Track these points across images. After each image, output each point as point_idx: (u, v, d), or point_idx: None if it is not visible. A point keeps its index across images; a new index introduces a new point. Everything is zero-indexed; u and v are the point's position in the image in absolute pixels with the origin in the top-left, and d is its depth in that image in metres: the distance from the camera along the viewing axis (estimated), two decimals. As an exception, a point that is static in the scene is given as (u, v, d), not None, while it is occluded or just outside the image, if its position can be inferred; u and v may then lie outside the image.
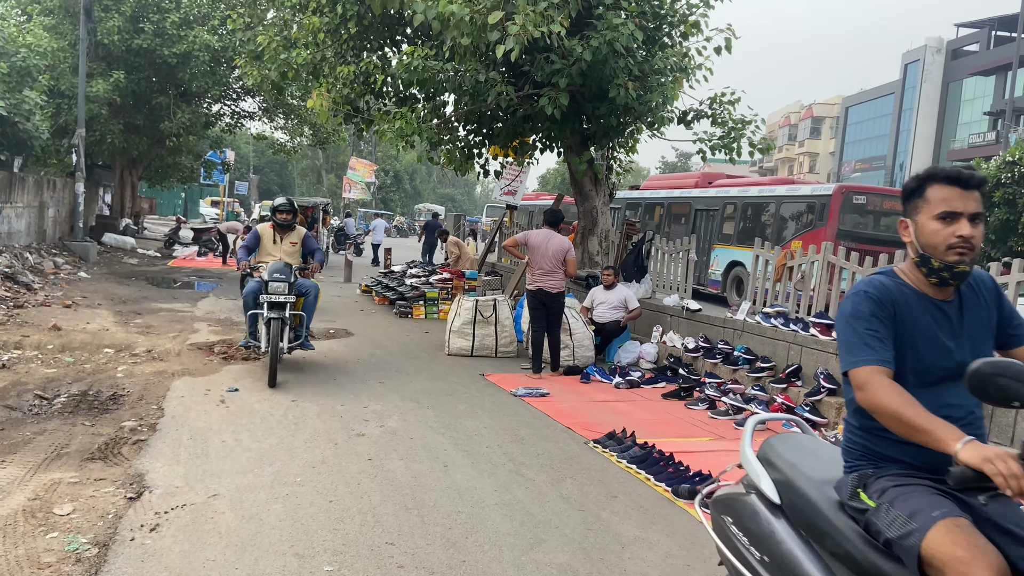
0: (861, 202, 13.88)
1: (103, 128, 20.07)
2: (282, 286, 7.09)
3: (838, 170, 56.23)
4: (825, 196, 13.70)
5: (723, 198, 16.07)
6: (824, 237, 12.01)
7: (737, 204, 15.73)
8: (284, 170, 62.56)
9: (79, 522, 3.79)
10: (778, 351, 7.93)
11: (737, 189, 16.22)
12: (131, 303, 11.87)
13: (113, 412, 5.84)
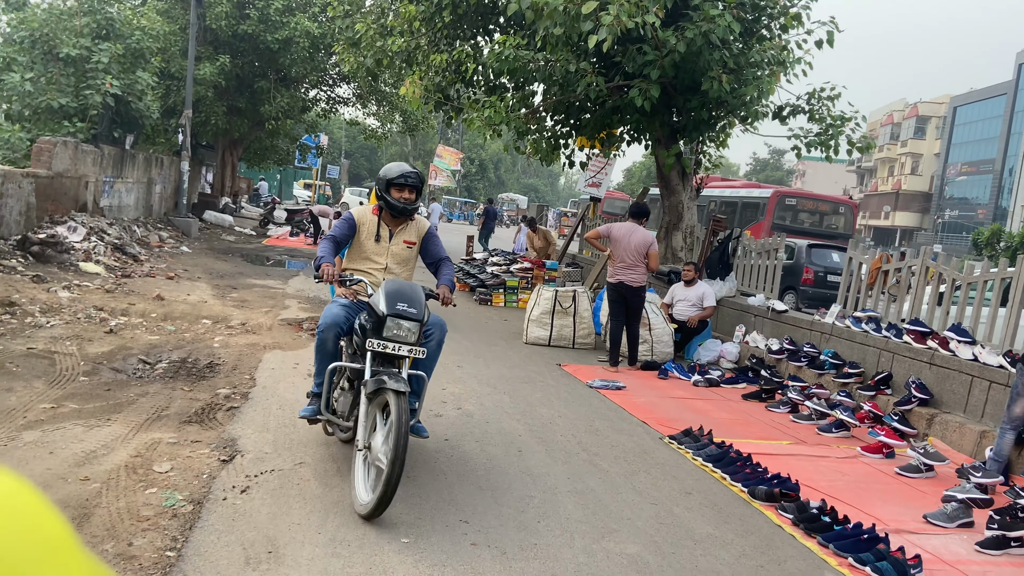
0: (792, 203, 19.07)
1: (208, 110, 20.99)
2: (413, 328, 4.03)
3: (943, 172, 53.56)
4: (765, 197, 18.62)
5: (707, 196, 18.97)
6: (763, 229, 16.74)
7: (716, 202, 19.55)
8: (374, 156, 63.94)
9: (176, 480, 4.03)
10: (867, 357, 7.67)
11: (717, 190, 20.08)
12: (228, 278, 12.42)
13: (209, 379, 6.15)
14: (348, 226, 4.66)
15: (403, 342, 3.98)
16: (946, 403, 6.68)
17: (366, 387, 3.85)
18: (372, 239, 4.67)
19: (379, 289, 4.15)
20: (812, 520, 4.33)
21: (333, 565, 3.29)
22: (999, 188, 46.53)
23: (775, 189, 19.61)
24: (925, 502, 5.00)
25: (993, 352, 6.45)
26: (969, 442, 6.14)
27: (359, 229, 4.68)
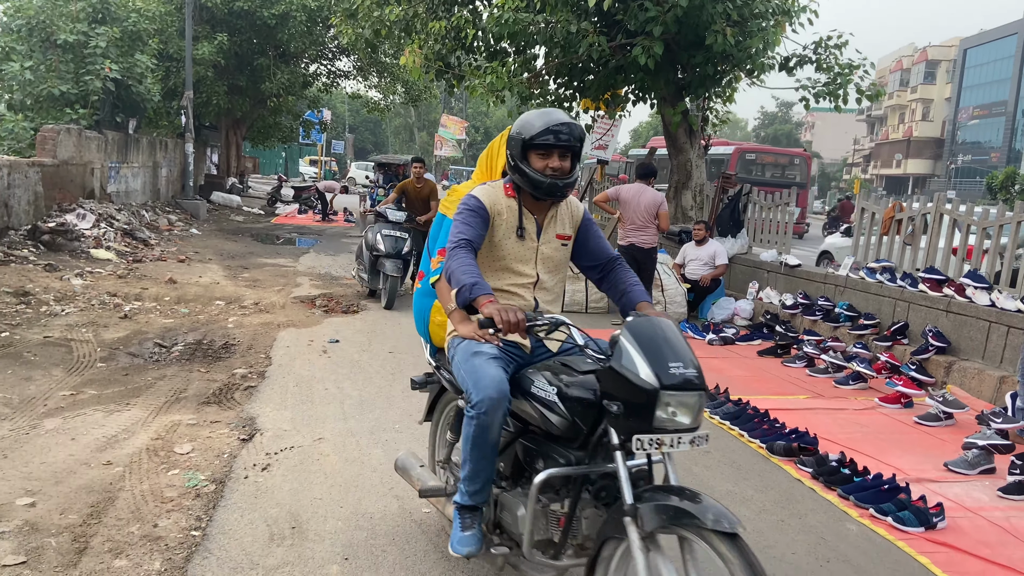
0: (752, 157, 21.45)
1: (209, 90, 20.87)
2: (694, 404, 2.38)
3: (954, 117, 52.71)
4: (728, 154, 20.31)
5: None
6: None
7: None
8: (378, 129, 63.63)
9: (197, 460, 4.07)
10: (883, 308, 7.61)
11: None
12: (239, 258, 12.45)
13: (225, 360, 6.19)
14: (478, 218, 2.78)
15: (683, 429, 2.30)
16: (964, 350, 6.63)
17: (640, 523, 2.20)
18: (513, 235, 2.89)
19: (624, 339, 2.40)
20: (832, 473, 4.33)
21: (357, 537, 3.32)
22: (1012, 130, 45.78)
23: (736, 146, 21.28)
24: (945, 450, 4.99)
25: (1011, 297, 6.38)
26: (988, 388, 6.11)
27: (493, 221, 2.85)
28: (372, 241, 8.90)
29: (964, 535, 3.76)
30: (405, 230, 9.12)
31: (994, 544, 3.67)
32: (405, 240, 8.96)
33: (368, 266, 9.09)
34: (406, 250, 8.93)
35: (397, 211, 9.40)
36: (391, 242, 8.83)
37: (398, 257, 8.82)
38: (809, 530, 3.73)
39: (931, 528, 3.77)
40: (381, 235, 8.86)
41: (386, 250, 8.76)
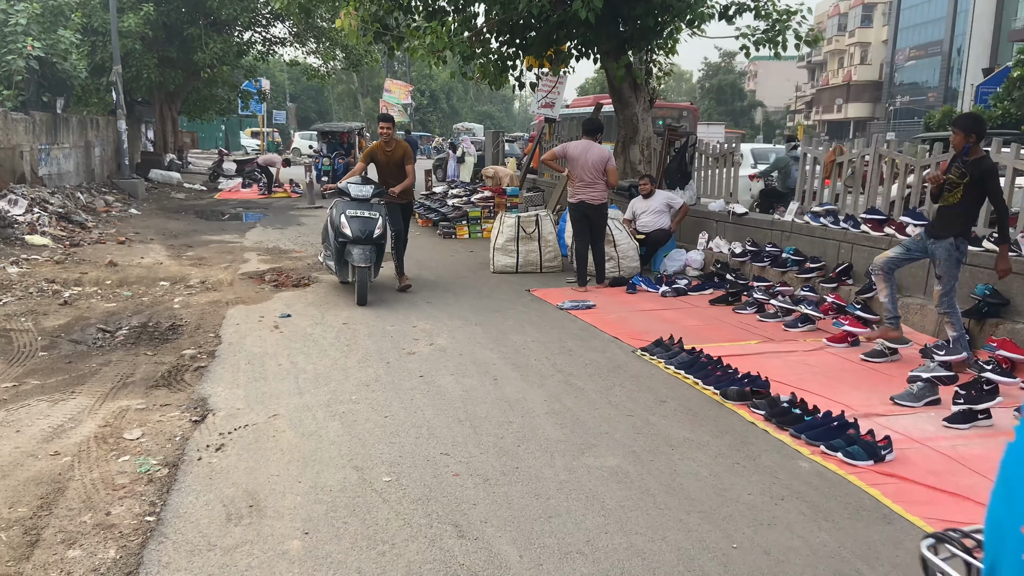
0: None
1: (138, 63, 20.10)
2: None
3: (891, 59, 53.56)
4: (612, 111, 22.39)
5: (567, 115, 20.01)
6: None
7: (577, 119, 20.92)
8: (320, 97, 62.16)
9: (148, 445, 3.98)
10: (828, 251, 7.76)
11: (577, 109, 21.30)
12: (182, 236, 12.13)
13: (173, 341, 6.04)
14: None
15: None
16: (907, 287, 6.81)
17: None
18: None
19: None
20: (783, 414, 4.43)
21: (317, 511, 3.29)
22: (948, 69, 46.73)
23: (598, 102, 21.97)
24: (892, 385, 5.14)
25: (949, 233, 6.54)
26: (931, 323, 6.29)
27: None
28: (336, 223, 7.36)
29: (912, 465, 3.88)
30: (376, 207, 7.57)
31: (941, 472, 3.80)
32: (376, 220, 7.38)
33: (335, 254, 7.57)
34: (378, 232, 7.35)
35: (362, 184, 7.66)
36: (359, 224, 7.26)
37: (368, 242, 7.27)
38: (763, 470, 3.82)
39: (880, 461, 3.89)
40: (346, 216, 7.28)
41: (353, 234, 7.23)
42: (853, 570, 2.92)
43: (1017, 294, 5.78)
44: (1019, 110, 17.31)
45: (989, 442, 4.19)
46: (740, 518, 3.31)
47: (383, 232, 7.42)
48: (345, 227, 7.27)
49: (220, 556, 2.93)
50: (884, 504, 3.47)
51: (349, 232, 7.25)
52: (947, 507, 3.44)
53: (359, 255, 7.17)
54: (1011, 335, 5.57)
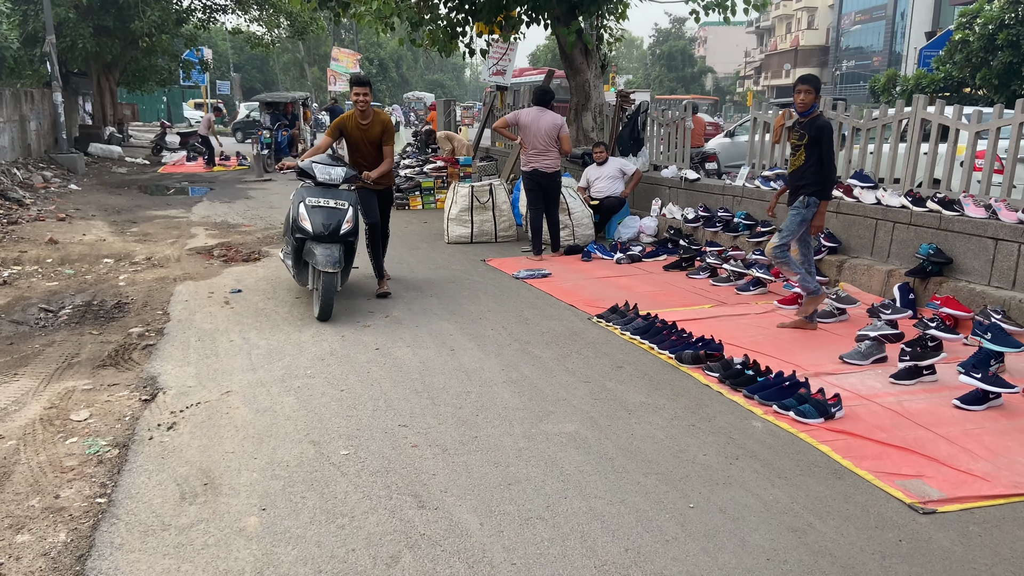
0: None
1: (73, 33, 19.29)
2: None
3: (837, 24, 54.22)
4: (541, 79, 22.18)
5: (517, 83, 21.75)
6: None
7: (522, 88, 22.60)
8: (266, 66, 60.54)
9: (97, 426, 3.88)
10: (778, 214, 7.86)
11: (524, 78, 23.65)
12: (125, 212, 11.77)
13: (119, 320, 5.88)
14: None
15: None
16: (854, 248, 6.96)
17: None
18: None
19: None
20: (737, 376, 4.50)
21: (274, 487, 3.25)
22: (892, 33, 47.47)
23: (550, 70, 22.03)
24: (841, 344, 5.26)
25: (895, 194, 6.69)
26: (877, 282, 6.45)
27: None
28: (295, 214, 5.82)
29: (861, 422, 3.99)
30: (346, 194, 5.99)
31: (888, 427, 3.91)
32: (344, 211, 5.81)
33: (292, 253, 6.09)
34: (347, 227, 5.78)
35: (331, 165, 6.01)
36: (323, 216, 5.73)
37: (334, 240, 5.73)
38: (718, 431, 3.88)
39: (830, 418, 3.99)
40: (306, 206, 5.76)
41: (315, 229, 5.68)
42: (805, 524, 3.00)
43: (959, 253, 5.95)
44: (960, 73, 17.69)
45: (934, 397, 4.33)
46: (696, 478, 3.37)
47: (353, 226, 5.87)
48: (305, 220, 5.72)
49: (175, 535, 2.87)
50: (834, 460, 3.56)
51: (310, 226, 5.69)
52: (894, 461, 3.54)
53: (323, 256, 5.59)
54: (954, 292, 5.74)
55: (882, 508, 3.12)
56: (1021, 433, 3.82)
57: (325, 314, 5.75)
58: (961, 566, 2.72)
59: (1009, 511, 3.10)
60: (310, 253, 5.70)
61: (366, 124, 6.40)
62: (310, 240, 5.73)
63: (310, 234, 5.71)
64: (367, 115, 6.36)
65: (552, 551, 2.79)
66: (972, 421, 3.99)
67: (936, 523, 3.01)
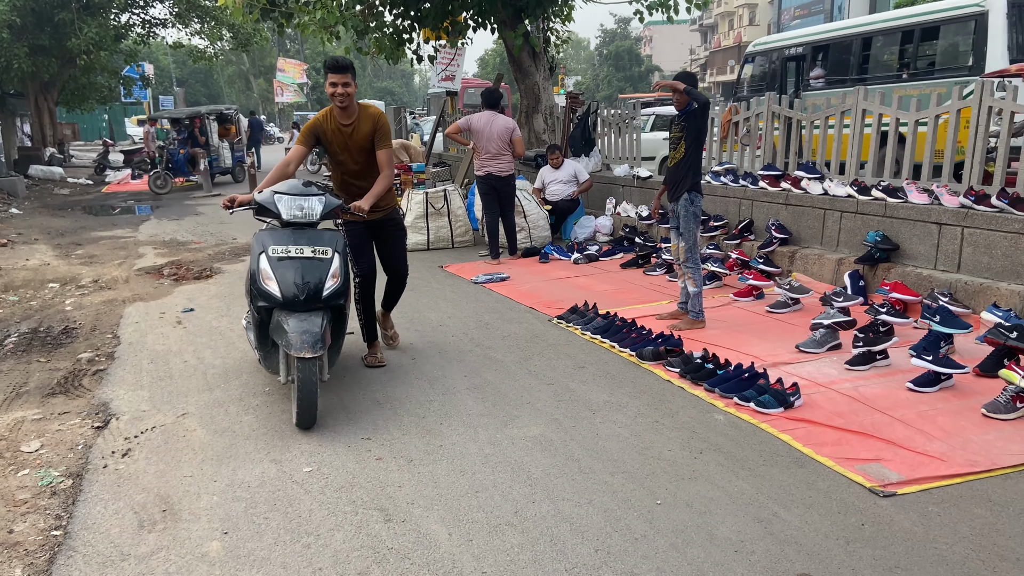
0: None
1: (7, 53, 18.74)
2: None
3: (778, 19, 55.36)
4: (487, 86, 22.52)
5: None
6: None
7: None
8: (210, 80, 59.58)
9: (49, 456, 3.75)
10: (729, 208, 7.99)
11: None
12: (69, 234, 11.45)
13: (67, 346, 5.71)
14: None
15: None
16: (804, 239, 7.09)
17: None
18: None
19: None
20: (697, 370, 4.55)
21: (235, 509, 3.18)
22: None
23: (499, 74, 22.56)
24: (796, 333, 5.35)
25: (841, 184, 6.84)
26: (828, 271, 6.58)
27: None
28: (253, 270, 4.08)
29: (819, 409, 4.06)
30: (327, 237, 4.20)
31: (846, 413, 3.99)
32: (328, 262, 4.08)
33: (254, 326, 4.31)
34: (331, 285, 4.06)
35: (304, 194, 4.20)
36: (294, 272, 3.99)
37: (314, 307, 4.01)
38: (682, 426, 3.91)
39: (789, 407, 4.05)
40: (270, 259, 4.01)
41: (284, 293, 3.95)
42: (771, 514, 3.03)
43: (905, 239, 6.10)
44: (897, 64, 18.16)
45: (888, 381, 4.42)
46: (662, 474, 3.39)
47: (342, 283, 4.11)
48: (269, 279, 3.96)
49: (135, 565, 2.79)
50: (796, 448, 3.62)
51: (277, 289, 3.93)
52: (853, 446, 3.61)
53: (298, 334, 3.81)
54: (902, 278, 5.88)
55: (844, 493, 3.18)
56: (973, 412, 3.92)
57: (306, 420, 3.88)
58: (923, 546, 2.78)
59: (966, 490, 3.18)
60: (279, 329, 3.87)
61: (349, 125, 4.63)
62: (279, 309, 3.93)
63: (278, 300, 3.90)
64: (350, 112, 4.61)
65: (522, 557, 2.78)
66: (926, 403, 4.09)
67: (896, 505, 3.07)
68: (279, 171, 4.54)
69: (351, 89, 4.54)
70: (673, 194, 5.65)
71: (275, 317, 3.98)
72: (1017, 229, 5.30)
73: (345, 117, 4.66)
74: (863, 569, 2.65)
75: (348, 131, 4.67)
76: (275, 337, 3.98)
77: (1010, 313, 4.92)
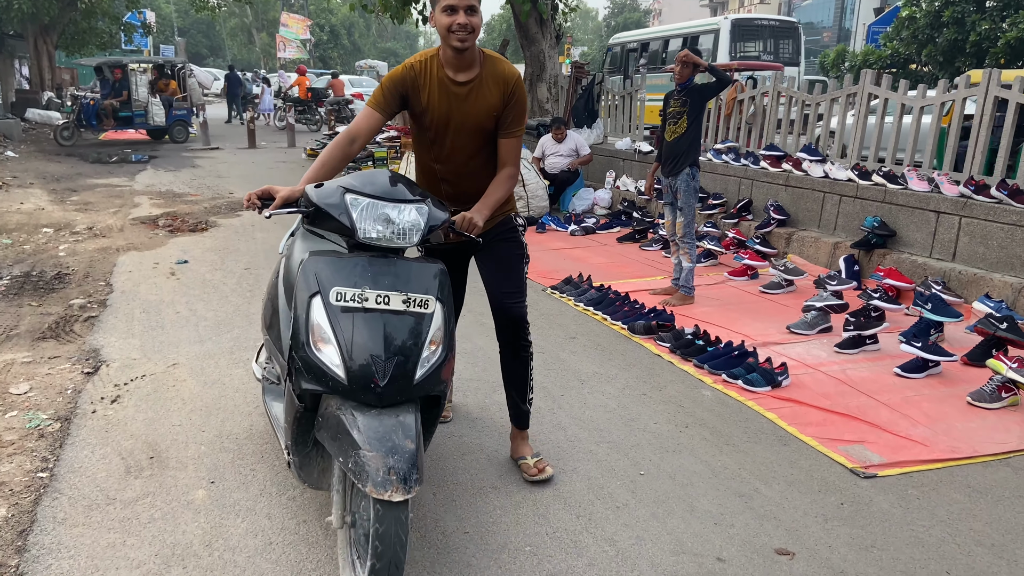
0: None
1: (6, -8, 18.42)
2: None
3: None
4: None
5: None
6: None
7: None
8: (211, 31, 58.74)
9: (38, 400, 3.76)
10: (729, 187, 7.96)
11: None
12: (65, 180, 11.36)
13: (59, 291, 5.69)
14: None
15: None
16: (802, 221, 7.09)
17: None
18: None
19: None
20: (687, 346, 4.57)
21: (223, 459, 3.20)
22: (842, 9, 48.14)
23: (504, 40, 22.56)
24: (788, 314, 5.37)
25: (841, 167, 6.82)
26: (824, 254, 6.58)
27: None
28: (299, 322, 2.29)
29: (806, 389, 4.09)
30: (426, 271, 2.40)
31: (832, 395, 4.02)
32: (427, 320, 2.33)
33: (290, 422, 2.43)
34: (432, 365, 2.32)
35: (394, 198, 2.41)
36: (372, 338, 2.23)
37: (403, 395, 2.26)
38: (669, 400, 3.94)
39: (777, 386, 4.08)
40: (331, 310, 2.25)
41: (351, 375, 2.20)
42: (752, 489, 3.07)
43: (903, 226, 6.10)
44: (907, 49, 18.02)
45: (876, 365, 4.45)
46: (647, 446, 3.42)
47: (443, 354, 2.38)
48: (326, 345, 2.26)
49: (120, 509, 2.81)
50: (780, 427, 3.65)
51: (340, 367, 2.23)
52: (837, 427, 3.64)
53: (375, 455, 2.12)
54: (897, 264, 5.89)
55: (825, 473, 3.21)
56: (958, 400, 3.96)
57: None
58: (900, 527, 2.82)
59: (946, 475, 3.22)
60: (338, 433, 2.23)
61: (467, 84, 2.87)
62: (339, 396, 2.28)
63: (341, 385, 2.24)
64: (469, 61, 2.86)
65: (505, 519, 2.81)
66: (912, 388, 4.12)
67: (876, 487, 3.11)
68: (338, 151, 2.83)
69: (478, 20, 2.75)
70: (672, 169, 5.62)
71: (330, 408, 2.25)
72: (1014, 221, 5.30)
73: (461, 68, 2.83)
74: (839, 547, 2.69)
75: (462, 93, 2.84)
76: (329, 445, 2.24)
77: (1001, 304, 4.94)
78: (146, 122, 17.45)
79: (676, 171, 5.58)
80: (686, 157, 5.53)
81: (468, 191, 2.98)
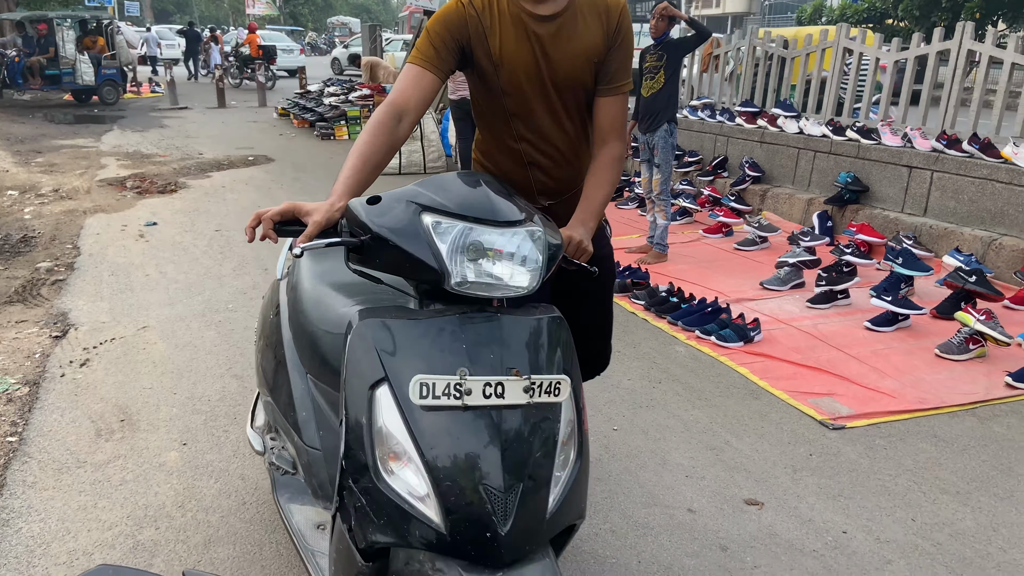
0: None
1: (-42, -55, 17.67)
2: None
3: (767, -46, 54.12)
4: None
5: None
6: None
7: None
8: (179, -13, 57.12)
9: (5, 364, 3.70)
10: (704, 144, 7.94)
11: None
12: (29, 142, 11.08)
13: (25, 254, 5.58)
14: None
15: None
16: (777, 177, 7.10)
17: None
18: None
19: None
20: (662, 303, 4.58)
21: (195, 421, 3.18)
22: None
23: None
24: (761, 271, 5.40)
25: (816, 123, 6.81)
26: (798, 211, 6.61)
27: None
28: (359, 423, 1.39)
29: (778, 344, 4.13)
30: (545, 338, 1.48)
31: (804, 349, 4.06)
32: (555, 413, 1.44)
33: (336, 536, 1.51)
34: (564, 490, 1.43)
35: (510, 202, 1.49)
36: (486, 456, 1.32)
37: (532, 542, 1.35)
38: (643, 357, 3.96)
39: (749, 342, 4.11)
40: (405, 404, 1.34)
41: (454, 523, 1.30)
42: (723, 442, 3.11)
43: (875, 181, 6.13)
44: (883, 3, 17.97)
45: (847, 319, 4.50)
46: (620, 403, 3.44)
47: (578, 464, 1.53)
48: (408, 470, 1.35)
49: (91, 472, 2.79)
50: (752, 381, 3.69)
51: (434, 512, 1.32)
52: (808, 380, 3.69)
53: None
54: (869, 220, 5.93)
55: (795, 425, 3.26)
56: (927, 352, 4.02)
57: None
58: (867, 476, 2.88)
59: (913, 425, 3.28)
60: None
61: (553, 18, 1.91)
62: (426, 551, 1.34)
63: (439, 536, 1.31)
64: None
65: (479, 476, 2.82)
66: (882, 341, 4.18)
67: (845, 438, 3.17)
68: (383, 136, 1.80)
69: None
70: (649, 125, 5.58)
71: (411, 567, 1.37)
72: (984, 175, 5.34)
73: None
74: (807, 496, 2.74)
75: (549, 32, 1.92)
76: None
77: (971, 258, 5.01)
78: (74, 81, 16.31)
79: (653, 128, 5.54)
80: (664, 114, 5.48)
81: (567, 179, 2.08)
